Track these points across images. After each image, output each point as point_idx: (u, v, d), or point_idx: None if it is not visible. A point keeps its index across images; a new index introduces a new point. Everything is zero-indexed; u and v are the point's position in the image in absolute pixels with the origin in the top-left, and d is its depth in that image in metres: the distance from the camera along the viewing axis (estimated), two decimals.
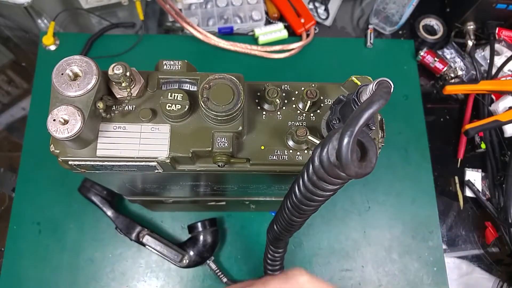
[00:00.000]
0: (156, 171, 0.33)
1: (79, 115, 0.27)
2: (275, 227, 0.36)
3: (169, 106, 0.30)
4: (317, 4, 0.76)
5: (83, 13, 0.73)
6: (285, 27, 0.73)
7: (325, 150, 0.22)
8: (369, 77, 0.33)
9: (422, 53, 0.71)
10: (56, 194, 0.61)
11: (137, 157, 0.31)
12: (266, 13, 0.74)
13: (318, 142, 0.31)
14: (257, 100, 0.34)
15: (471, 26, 0.73)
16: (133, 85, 0.31)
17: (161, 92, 0.32)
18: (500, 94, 0.67)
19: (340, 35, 0.76)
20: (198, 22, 0.71)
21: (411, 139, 0.68)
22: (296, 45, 0.71)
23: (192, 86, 0.33)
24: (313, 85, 0.34)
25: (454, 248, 0.64)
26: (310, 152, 0.33)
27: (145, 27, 0.72)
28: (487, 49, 0.72)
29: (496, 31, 0.71)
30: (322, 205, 0.29)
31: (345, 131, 0.20)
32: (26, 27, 0.72)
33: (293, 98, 0.34)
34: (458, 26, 0.74)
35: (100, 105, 0.29)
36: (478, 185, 0.66)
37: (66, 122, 0.27)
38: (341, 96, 0.30)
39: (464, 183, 0.66)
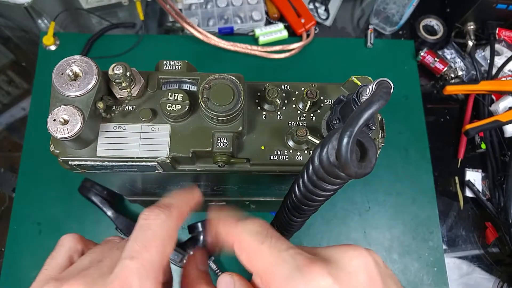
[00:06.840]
0: (156, 171, 0.33)
1: (79, 115, 0.27)
2: (275, 227, 0.36)
3: (169, 106, 0.30)
4: (317, 4, 0.76)
5: (83, 13, 0.73)
6: (285, 27, 0.73)
7: (325, 150, 0.22)
8: (369, 77, 0.33)
9: (422, 53, 0.71)
10: (57, 194, 0.61)
11: (137, 157, 0.31)
12: (266, 13, 0.74)
13: (318, 142, 0.31)
14: (257, 100, 0.34)
15: (471, 26, 0.73)
16: (133, 85, 0.31)
17: (161, 92, 0.32)
18: (500, 94, 0.67)
19: (340, 35, 0.76)
20: (198, 22, 0.71)
21: (411, 139, 0.68)
22: (296, 45, 0.71)
23: (192, 86, 0.33)
24: (313, 85, 0.34)
25: (454, 248, 0.64)
26: (310, 152, 0.33)
27: (145, 27, 0.72)
28: (487, 49, 0.72)
29: (496, 31, 0.71)
30: (322, 205, 0.29)
31: (344, 131, 0.20)
32: (26, 27, 0.72)
33: (293, 98, 0.34)
34: (458, 26, 0.74)
35: (100, 105, 0.29)
36: (478, 185, 0.66)
37: (66, 122, 0.27)
38: (341, 96, 0.30)
39: (464, 183, 0.66)
